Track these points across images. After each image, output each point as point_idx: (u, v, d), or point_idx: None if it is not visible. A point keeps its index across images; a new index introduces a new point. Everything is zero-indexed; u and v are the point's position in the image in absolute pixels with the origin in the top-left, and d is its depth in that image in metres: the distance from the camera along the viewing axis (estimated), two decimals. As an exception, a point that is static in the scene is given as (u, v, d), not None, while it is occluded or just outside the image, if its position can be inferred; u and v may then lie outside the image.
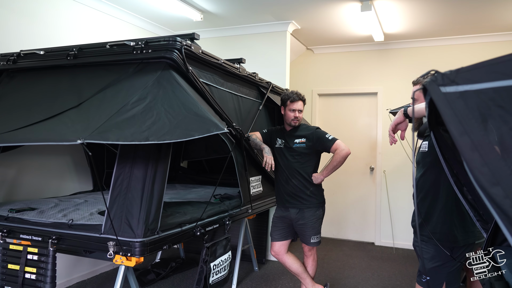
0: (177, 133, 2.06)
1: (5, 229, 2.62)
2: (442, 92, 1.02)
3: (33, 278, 2.46)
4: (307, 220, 3.23)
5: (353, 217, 6.17)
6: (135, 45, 2.64)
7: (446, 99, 1.01)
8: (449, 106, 1.00)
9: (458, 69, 1.03)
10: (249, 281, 4.29)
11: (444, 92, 1.02)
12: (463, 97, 1.00)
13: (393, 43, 5.79)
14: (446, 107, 1.00)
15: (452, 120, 0.99)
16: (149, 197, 2.37)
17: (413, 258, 5.22)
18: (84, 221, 2.58)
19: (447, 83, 1.02)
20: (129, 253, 2.29)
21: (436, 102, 1.02)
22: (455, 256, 2.18)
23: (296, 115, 3.26)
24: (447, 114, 1.00)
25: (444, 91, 1.02)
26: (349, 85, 6.14)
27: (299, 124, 3.34)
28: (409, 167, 5.68)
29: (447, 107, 1.00)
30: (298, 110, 3.26)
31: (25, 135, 2.06)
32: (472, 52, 5.43)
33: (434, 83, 1.04)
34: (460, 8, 4.41)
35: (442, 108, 1.00)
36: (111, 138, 1.87)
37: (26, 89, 2.82)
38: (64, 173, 4.00)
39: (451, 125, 0.99)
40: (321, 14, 4.67)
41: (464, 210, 2.15)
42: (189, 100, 2.35)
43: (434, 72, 1.06)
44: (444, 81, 1.03)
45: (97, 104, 2.33)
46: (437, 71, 1.07)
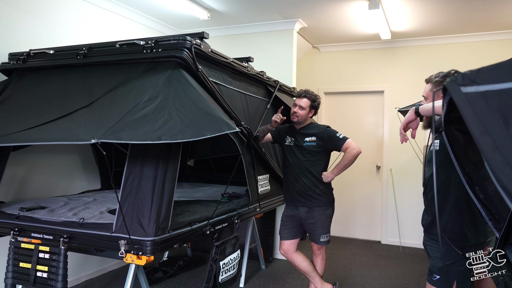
0: (189, 133, 2.06)
1: (16, 228, 2.63)
2: (463, 92, 1.02)
3: (44, 277, 2.48)
4: (316, 219, 3.23)
5: (359, 216, 6.17)
6: (145, 44, 2.65)
7: (466, 99, 1.01)
8: (470, 106, 1.00)
9: (478, 69, 1.03)
10: (257, 279, 4.30)
11: (465, 92, 1.02)
12: (484, 97, 1.00)
13: (400, 41, 5.77)
14: (467, 107, 1.00)
15: (473, 120, 0.99)
16: (160, 196, 2.38)
17: (420, 257, 5.22)
18: (95, 220, 2.59)
19: (467, 83, 1.02)
20: (141, 252, 2.30)
21: (456, 102, 1.02)
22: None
23: (295, 110, 3.26)
24: (468, 114, 1.00)
25: (464, 91, 1.02)
26: (355, 83, 6.13)
27: (309, 122, 3.34)
28: (415, 165, 5.66)
29: (468, 107, 1.00)
30: (299, 106, 3.26)
31: (38, 134, 2.07)
32: (479, 50, 5.40)
33: (454, 83, 1.03)
34: (467, 6, 4.38)
35: (463, 108, 1.00)
36: (125, 138, 1.88)
37: (37, 88, 2.84)
38: (72, 171, 4.02)
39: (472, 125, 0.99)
40: (328, 12, 4.66)
41: (475, 209, 2.14)
42: (200, 99, 2.35)
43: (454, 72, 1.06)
44: (465, 81, 1.02)
45: (108, 103, 2.34)
46: (457, 71, 1.06)
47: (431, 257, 2.31)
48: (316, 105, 3.31)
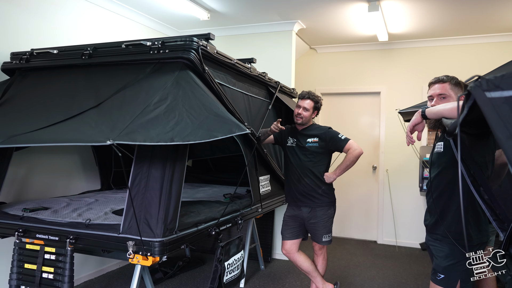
0: (200, 134, 2.07)
1: (20, 229, 2.61)
2: (488, 97, 1.05)
3: (50, 278, 2.47)
4: (319, 219, 3.26)
5: (356, 216, 6.22)
6: (152, 45, 2.65)
7: (491, 104, 1.04)
8: (494, 111, 1.03)
9: (502, 75, 1.06)
10: (256, 279, 4.32)
11: (490, 97, 1.05)
12: (508, 102, 1.03)
13: (396, 43, 5.83)
14: (492, 111, 1.03)
15: (498, 124, 1.02)
16: (168, 196, 2.38)
17: (417, 256, 5.28)
18: (100, 220, 2.58)
19: (492, 88, 1.05)
20: (149, 253, 2.30)
21: (481, 107, 1.05)
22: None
23: (299, 112, 3.29)
24: (493, 118, 1.03)
25: (489, 96, 1.05)
26: (352, 84, 6.18)
27: (311, 124, 3.37)
28: (411, 166, 5.72)
29: (493, 112, 1.03)
30: (303, 107, 3.28)
31: (50, 135, 2.06)
32: (475, 53, 5.48)
33: (479, 88, 1.06)
34: (464, 9, 4.44)
35: (488, 112, 1.03)
36: (139, 139, 1.88)
37: (41, 88, 2.82)
38: (72, 172, 3.99)
39: (497, 129, 1.02)
40: (327, 13, 4.69)
41: (479, 210, 2.18)
42: (209, 100, 2.36)
43: (477, 78, 1.09)
44: (489, 87, 1.06)
45: (118, 104, 2.33)
46: (480, 76, 1.09)
47: (435, 256, 2.35)
48: (319, 106, 3.35)
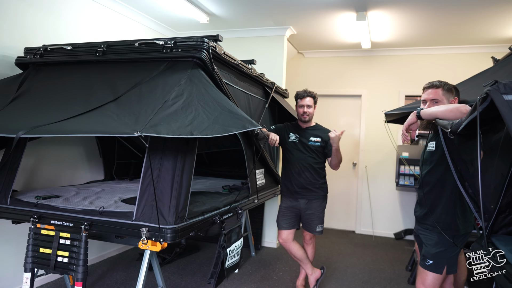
0: (216, 129, 2.07)
1: (35, 215, 2.56)
2: (505, 99, 1.09)
3: (65, 262, 2.42)
4: (314, 210, 3.30)
5: (337, 208, 6.31)
6: (164, 44, 2.62)
7: (509, 106, 1.08)
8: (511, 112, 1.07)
9: (518, 80, 1.10)
10: (249, 265, 4.34)
11: (507, 99, 1.09)
12: (523, 104, 1.07)
13: (378, 51, 5.93)
14: (510, 112, 1.07)
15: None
16: (179, 186, 2.37)
17: (391, 245, 5.41)
18: (112, 208, 2.55)
19: (509, 91, 1.09)
20: (162, 239, 2.29)
21: (500, 108, 1.09)
22: (457, 243, 2.29)
23: (304, 110, 3.32)
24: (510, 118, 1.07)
25: (507, 98, 1.09)
26: (335, 87, 6.25)
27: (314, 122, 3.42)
28: (389, 163, 5.85)
29: (510, 112, 1.07)
30: (307, 105, 3.32)
31: (74, 126, 2.01)
32: (450, 62, 5.61)
33: (497, 92, 1.10)
34: (442, 21, 4.54)
35: (506, 114, 1.07)
36: (162, 132, 1.87)
37: (56, 82, 2.75)
38: (77, 163, 3.91)
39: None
40: (318, 21, 4.72)
41: (465, 203, 2.26)
42: (221, 97, 2.36)
43: (495, 82, 1.13)
44: (506, 90, 1.10)
45: (136, 98, 2.29)
46: (497, 81, 1.13)
47: (424, 244, 2.41)
48: (316, 100, 3.40)
